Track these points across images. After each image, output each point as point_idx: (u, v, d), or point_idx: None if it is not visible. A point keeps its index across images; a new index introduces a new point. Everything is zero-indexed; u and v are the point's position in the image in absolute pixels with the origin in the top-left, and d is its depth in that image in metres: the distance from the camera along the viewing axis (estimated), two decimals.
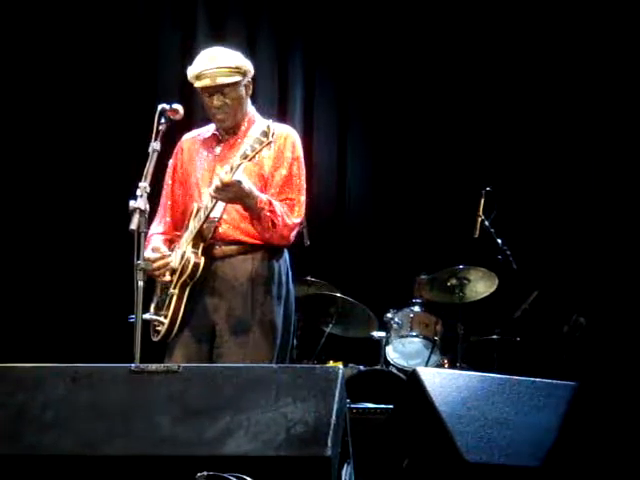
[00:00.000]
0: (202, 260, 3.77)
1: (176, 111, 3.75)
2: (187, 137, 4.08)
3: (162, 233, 3.97)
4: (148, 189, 3.53)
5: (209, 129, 4.02)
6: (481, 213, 6.05)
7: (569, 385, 3.14)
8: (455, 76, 7.08)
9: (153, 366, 2.97)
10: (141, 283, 3.45)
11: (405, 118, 7.17)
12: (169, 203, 4.01)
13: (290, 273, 3.96)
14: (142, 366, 2.97)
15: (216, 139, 3.96)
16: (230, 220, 3.82)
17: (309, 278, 6.16)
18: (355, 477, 3.00)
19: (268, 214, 3.75)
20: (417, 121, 7.15)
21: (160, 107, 3.74)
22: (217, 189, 3.60)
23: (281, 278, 3.89)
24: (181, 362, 3.68)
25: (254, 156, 3.58)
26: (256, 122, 3.93)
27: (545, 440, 2.93)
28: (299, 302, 6.04)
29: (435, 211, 6.97)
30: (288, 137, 3.91)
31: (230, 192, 3.63)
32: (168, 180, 4.04)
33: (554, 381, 3.13)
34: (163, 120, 3.70)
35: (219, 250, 3.82)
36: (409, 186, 7.15)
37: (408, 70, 7.15)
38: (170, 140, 3.90)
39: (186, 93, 5.00)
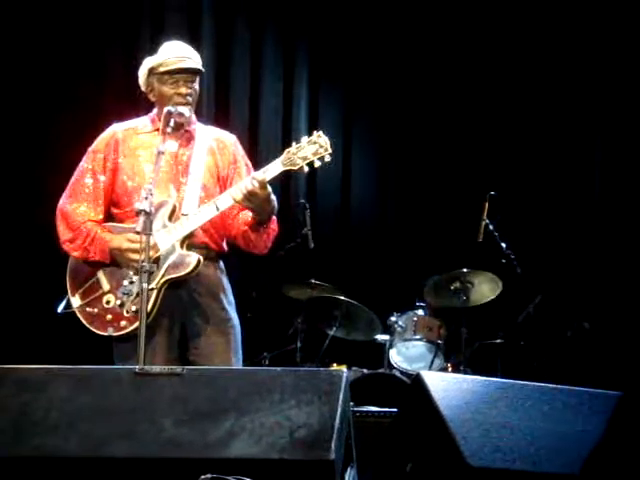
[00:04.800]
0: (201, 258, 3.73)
1: (182, 115, 3.77)
2: (121, 128, 3.89)
3: (99, 222, 3.81)
4: (154, 191, 3.52)
5: (146, 123, 3.91)
6: (485, 217, 6.03)
7: (573, 390, 3.14)
8: (461, 81, 7.08)
9: (157, 368, 2.99)
10: (145, 285, 3.44)
11: (410, 122, 7.17)
12: (102, 193, 3.82)
13: None
14: (146, 368, 2.98)
15: (166, 135, 3.72)
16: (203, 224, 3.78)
17: (313, 281, 6.15)
18: None
19: (272, 232, 3.83)
20: (422, 125, 7.15)
21: (166, 109, 3.75)
22: (251, 193, 3.58)
23: (229, 284, 3.94)
24: (163, 362, 3.62)
25: (302, 167, 3.68)
26: (197, 124, 3.92)
27: (549, 445, 2.92)
28: (302, 305, 6.10)
29: (439, 215, 6.97)
30: (236, 143, 3.99)
31: (260, 198, 3.62)
32: (99, 172, 3.81)
33: (558, 386, 3.12)
34: (170, 123, 3.70)
35: None
36: (413, 190, 7.16)
37: (414, 74, 7.14)
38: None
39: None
